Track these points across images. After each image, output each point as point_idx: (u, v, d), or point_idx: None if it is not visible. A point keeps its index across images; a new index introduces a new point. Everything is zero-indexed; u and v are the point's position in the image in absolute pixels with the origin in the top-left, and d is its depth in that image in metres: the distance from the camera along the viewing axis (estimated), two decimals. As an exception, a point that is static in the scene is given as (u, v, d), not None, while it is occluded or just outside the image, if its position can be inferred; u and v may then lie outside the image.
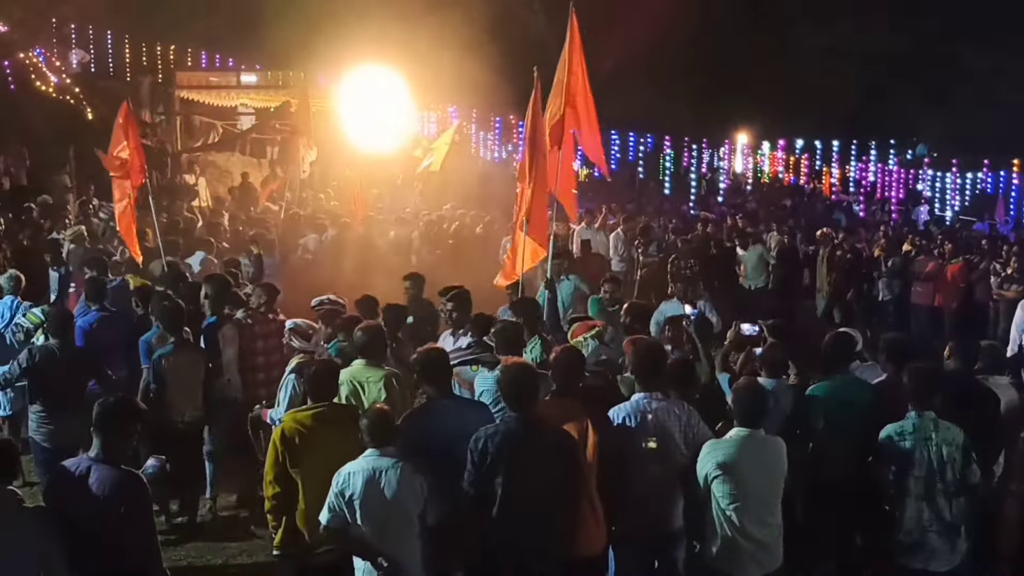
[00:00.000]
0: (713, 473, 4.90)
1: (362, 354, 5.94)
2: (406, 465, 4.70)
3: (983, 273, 12.25)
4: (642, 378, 5.31)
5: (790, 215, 20.10)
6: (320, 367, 5.41)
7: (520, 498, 4.67)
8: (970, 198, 22.83)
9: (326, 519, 4.71)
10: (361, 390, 5.76)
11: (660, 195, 24.30)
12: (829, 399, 5.75)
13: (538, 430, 4.79)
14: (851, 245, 14.13)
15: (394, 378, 5.82)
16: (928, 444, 5.10)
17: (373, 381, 5.77)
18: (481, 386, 5.85)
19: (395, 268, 10.50)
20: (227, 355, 7.40)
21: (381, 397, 5.64)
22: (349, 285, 9.08)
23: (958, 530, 5.21)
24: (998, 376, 6.11)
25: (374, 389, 5.74)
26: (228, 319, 7.62)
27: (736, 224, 17.30)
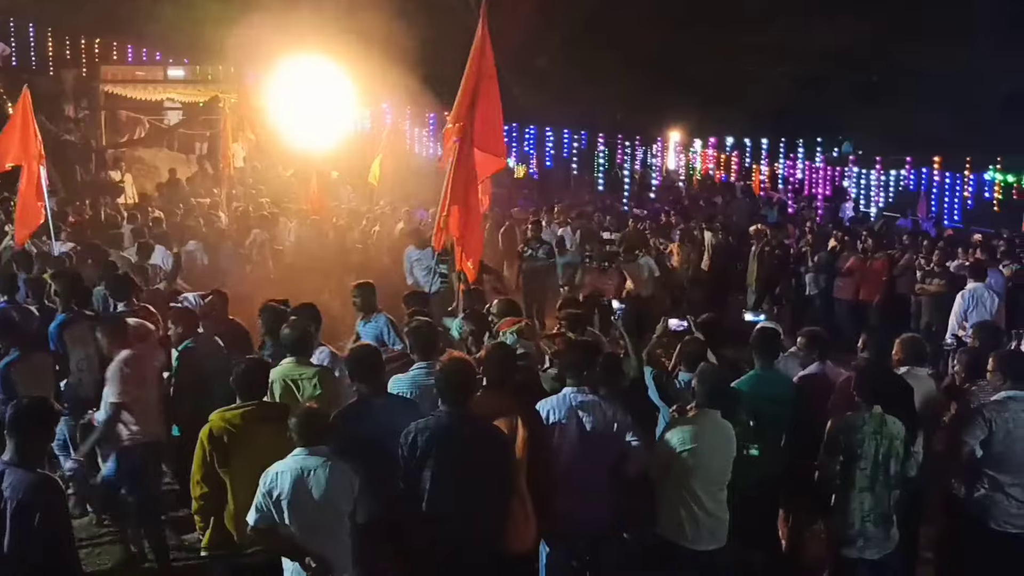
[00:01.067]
0: (680, 448, 5.09)
1: (291, 352, 5.87)
2: (336, 464, 4.65)
3: (905, 268, 12.55)
4: (571, 372, 5.34)
5: (721, 212, 20.41)
6: (249, 365, 5.29)
7: (450, 493, 4.66)
8: (893, 195, 23.43)
9: (254, 519, 4.64)
10: (295, 388, 5.70)
11: (594, 192, 24.48)
12: (751, 393, 5.85)
13: (469, 425, 4.79)
14: (779, 241, 14.40)
15: (326, 375, 5.79)
16: (876, 438, 5.21)
17: (307, 378, 5.73)
18: (393, 390, 5.69)
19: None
20: (76, 355, 7.03)
21: (316, 393, 5.59)
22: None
23: (892, 519, 5.35)
24: (919, 368, 6.27)
25: (308, 386, 5.68)
26: (80, 317, 7.29)
27: (669, 221, 17.54)
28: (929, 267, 11.98)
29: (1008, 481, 5.43)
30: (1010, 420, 5.37)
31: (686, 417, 5.28)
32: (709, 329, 6.64)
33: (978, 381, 5.96)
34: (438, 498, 4.66)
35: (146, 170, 22.41)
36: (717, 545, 5.22)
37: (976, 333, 6.90)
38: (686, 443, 5.11)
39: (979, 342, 6.61)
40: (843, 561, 5.37)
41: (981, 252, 11.43)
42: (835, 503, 5.35)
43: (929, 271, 11.89)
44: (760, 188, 26.94)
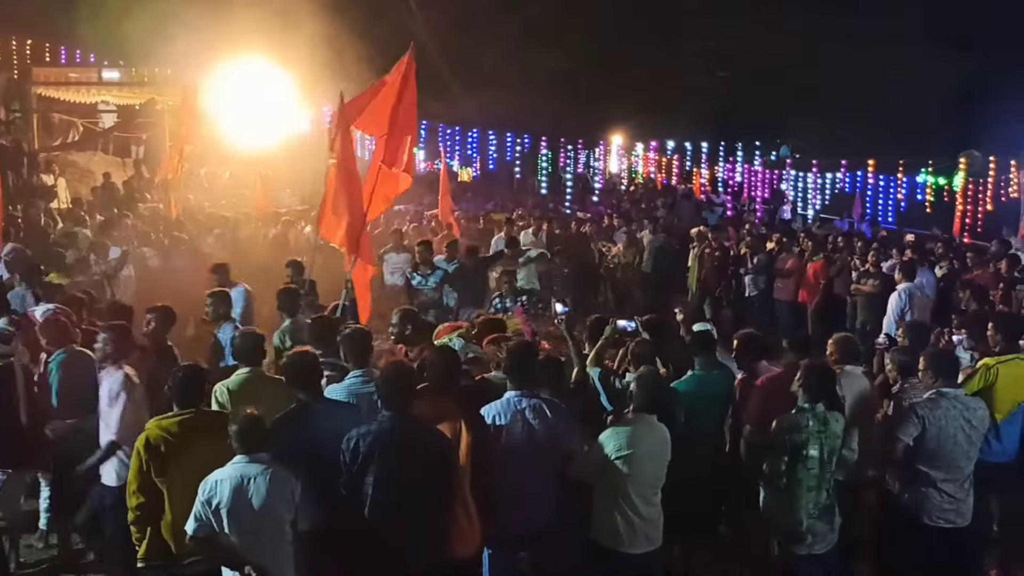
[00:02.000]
0: (616, 454, 5.11)
1: (243, 362, 5.84)
2: (276, 471, 4.60)
3: (841, 269, 12.79)
4: (514, 376, 5.34)
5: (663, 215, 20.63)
6: (186, 372, 5.19)
7: (393, 498, 4.63)
8: (830, 197, 23.91)
9: (192, 528, 4.57)
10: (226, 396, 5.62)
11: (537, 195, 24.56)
12: (690, 393, 5.93)
13: (412, 430, 4.76)
14: (719, 243, 14.59)
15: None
16: (821, 436, 5.30)
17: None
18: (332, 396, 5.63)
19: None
20: None
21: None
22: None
23: (834, 511, 5.46)
24: (852, 366, 6.40)
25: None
26: None
27: (612, 223, 17.69)
28: (864, 268, 12.23)
29: (940, 477, 5.57)
30: (942, 417, 5.51)
31: (622, 422, 5.29)
32: (653, 329, 6.70)
33: (910, 379, 6.10)
34: (381, 504, 4.62)
35: (80, 174, 21.89)
36: (652, 547, 5.27)
37: (907, 332, 7.06)
38: (622, 449, 5.12)
39: (910, 341, 6.77)
40: (793, 558, 5.46)
41: (912, 253, 11.69)
42: (782, 501, 5.42)
43: (864, 272, 12.13)
44: (701, 191, 27.30)
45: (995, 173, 19.66)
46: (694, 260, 14.35)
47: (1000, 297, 9.09)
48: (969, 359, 6.68)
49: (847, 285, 12.42)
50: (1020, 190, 18.32)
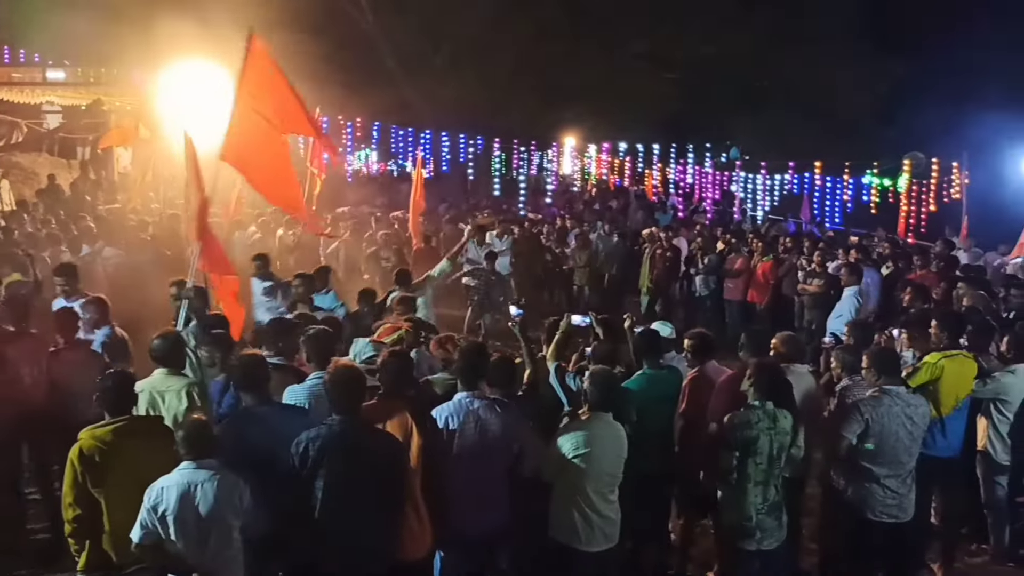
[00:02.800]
0: (573, 453, 5.14)
1: (162, 363, 5.71)
2: (224, 476, 4.55)
3: (790, 269, 13.00)
4: (464, 377, 5.35)
5: (616, 215, 20.77)
6: (114, 379, 5.07)
7: (343, 502, 4.60)
8: (778, 198, 24.26)
9: (139, 536, 4.50)
10: (160, 400, 5.54)
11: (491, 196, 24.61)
12: (641, 392, 5.98)
13: (361, 433, 4.74)
14: (671, 243, 14.75)
15: (195, 387, 5.62)
16: (770, 433, 5.37)
17: (173, 391, 5.56)
18: (290, 399, 5.59)
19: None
20: None
21: (182, 407, 5.44)
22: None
23: (782, 507, 5.53)
24: (798, 364, 6.52)
25: (173, 399, 5.52)
26: None
27: (565, 225, 17.77)
28: (810, 268, 12.44)
29: (884, 473, 5.68)
30: (884, 414, 5.62)
31: (578, 421, 5.34)
32: (608, 329, 6.76)
33: (854, 377, 6.23)
34: (331, 507, 4.59)
35: (24, 176, 21.46)
36: (610, 545, 5.32)
37: (851, 331, 7.20)
38: (579, 448, 5.16)
39: (854, 340, 6.90)
40: (741, 554, 5.52)
41: (856, 253, 11.91)
42: (731, 497, 5.49)
43: (810, 272, 12.34)
44: (653, 192, 27.54)
45: (938, 174, 20.09)
46: (646, 261, 14.48)
47: (941, 296, 9.29)
48: (911, 357, 6.82)
49: (795, 285, 12.62)
50: (962, 191, 18.73)
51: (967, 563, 6.92)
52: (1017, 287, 9.60)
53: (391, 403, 5.17)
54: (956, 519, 6.90)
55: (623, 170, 27.80)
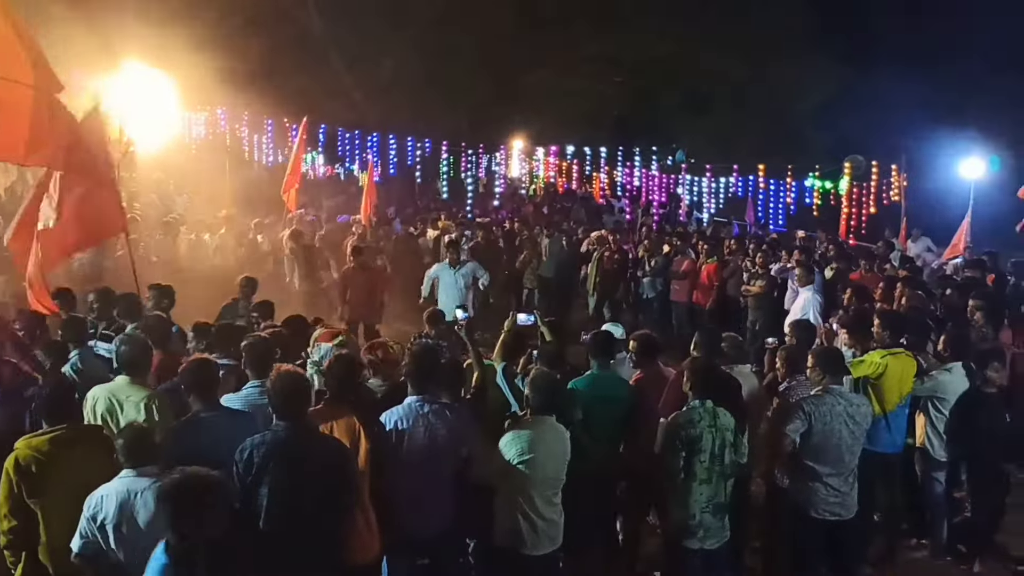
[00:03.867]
0: (517, 458, 5.13)
1: (127, 370, 5.58)
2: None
3: (734, 271, 13.16)
4: (415, 381, 5.32)
5: (564, 218, 20.85)
6: (54, 387, 4.97)
7: (288, 509, 4.54)
8: (723, 201, 24.55)
9: (78, 546, 4.41)
10: (119, 409, 5.42)
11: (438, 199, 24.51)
12: (588, 392, 6.01)
13: (307, 439, 4.68)
14: (618, 246, 14.83)
15: (155, 400, 5.46)
16: (712, 430, 5.43)
17: (132, 401, 5.43)
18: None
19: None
20: None
21: (140, 419, 5.31)
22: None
23: (727, 509, 5.59)
24: (741, 365, 6.60)
25: (131, 410, 5.39)
26: None
27: (514, 228, 17.78)
28: (754, 269, 12.60)
29: (826, 471, 5.77)
30: (827, 413, 5.71)
31: (522, 425, 5.32)
32: (554, 331, 6.77)
33: (797, 377, 6.32)
34: (276, 515, 4.53)
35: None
36: (554, 547, 5.33)
37: (793, 331, 7.30)
38: (523, 453, 5.16)
39: (797, 340, 7.00)
40: (683, 552, 5.57)
41: (800, 254, 12.10)
42: (675, 496, 5.54)
43: (754, 273, 12.51)
44: (600, 195, 27.68)
45: (877, 177, 20.50)
46: (593, 263, 14.54)
47: (881, 296, 9.46)
48: (851, 356, 6.94)
49: (740, 286, 12.77)
50: (901, 193, 19.14)
51: (907, 558, 7.06)
52: (953, 287, 9.84)
53: (338, 407, 5.13)
54: (897, 515, 7.03)
55: (571, 173, 27.89)
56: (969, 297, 8.63)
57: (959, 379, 6.79)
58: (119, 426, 5.21)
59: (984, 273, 11.49)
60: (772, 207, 22.76)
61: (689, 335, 7.15)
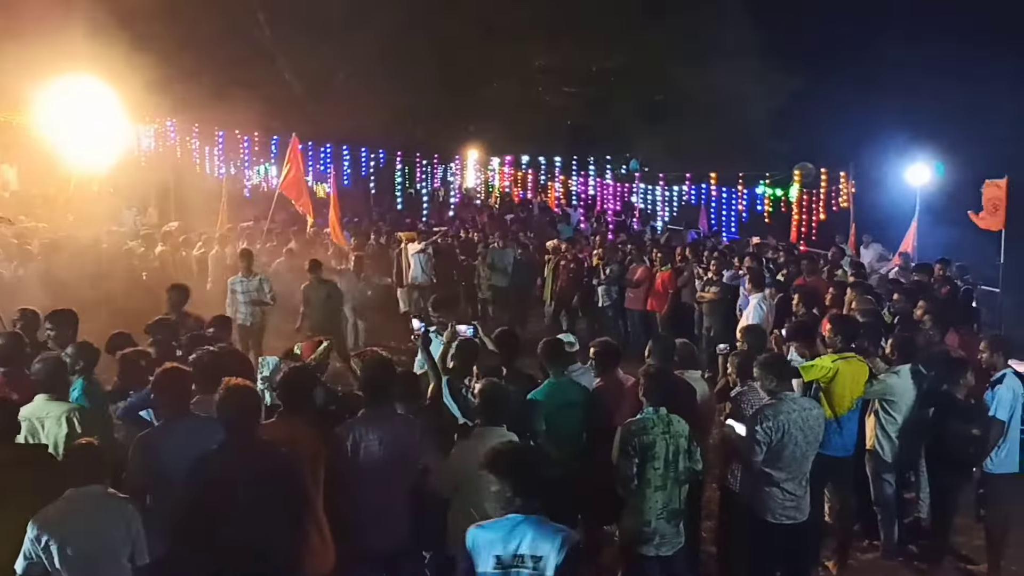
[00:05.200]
0: (473, 472, 4.99)
1: (43, 388, 5.49)
2: (111, 502, 4.42)
3: (688, 278, 13.28)
4: (369, 392, 5.28)
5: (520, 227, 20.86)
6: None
7: (239, 524, 4.47)
8: (677, 209, 24.79)
9: (22, 568, 4.33)
10: (40, 427, 5.31)
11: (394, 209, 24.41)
12: (547, 402, 6.01)
13: (258, 452, 4.63)
14: (574, 255, 14.90)
15: (76, 413, 5.37)
16: (666, 437, 5.45)
17: (52, 416, 5.33)
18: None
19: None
20: None
21: (62, 433, 5.22)
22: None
23: (682, 515, 5.61)
24: (692, 371, 6.65)
25: (53, 425, 5.29)
26: None
27: (470, 238, 17.76)
28: (707, 276, 12.73)
29: (782, 477, 5.81)
30: (784, 420, 5.73)
31: (471, 436, 5.30)
32: (505, 342, 6.76)
33: (748, 382, 6.37)
34: (227, 530, 4.45)
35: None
36: None
37: (745, 337, 7.37)
38: (473, 464, 5.14)
39: (748, 345, 7.06)
40: (639, 559, 5.58)
41: (752, 260, 12.25)
42: (629, 503, 5.56)
43: (707, 280, 12.64)
44: (556, 204, 27.80)
45: (826, 184, 20.85)
46: (549, 272, 14.58)
47: (831, 300, 9.60)
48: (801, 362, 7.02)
49: (694, 293, 12.89)
50: (849, 200, 19.48)
51: (859, 559, 7.15)
52: (901, 292, 10.01)
53: (292, 420, 5.08)
54: (849, 517, 7.13)
55: (526, 182, 27.99)
56: (916, 301, 8.80)
57: (907, 382, 6.91)
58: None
59: (931, 277, 11.72)
60: (724, 214, 23.03)
61: (644, 342, 7.18)
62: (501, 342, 6.68)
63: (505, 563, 3.87)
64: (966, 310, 11.45)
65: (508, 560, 3.87)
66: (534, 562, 3.85)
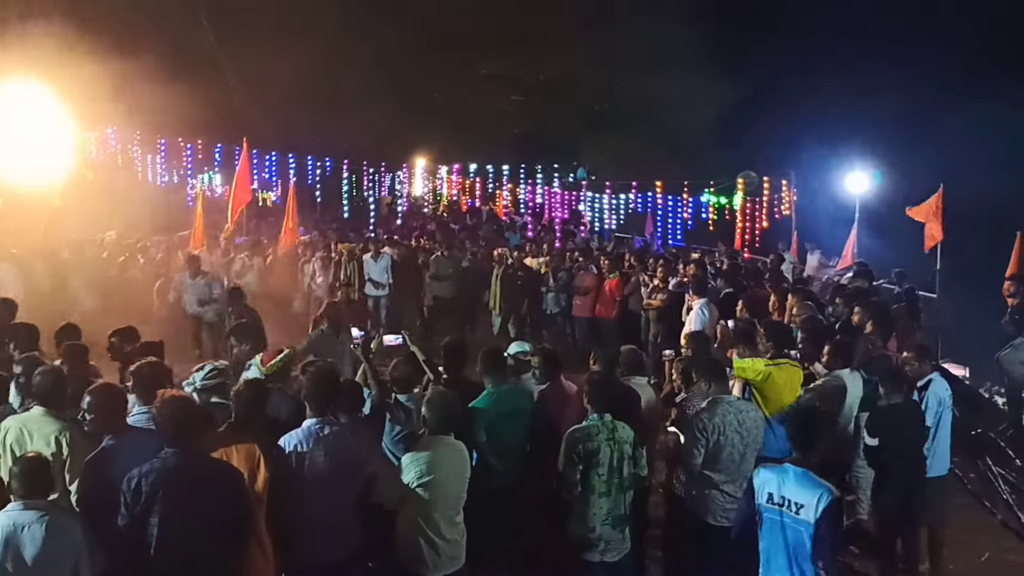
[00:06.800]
0: (417, 481, 5.09)
1: (41, 401, 5.32)
2: (55, 517, 4.31)
3: (635, 285, 13.37)
4: (313, 403, 5.25)
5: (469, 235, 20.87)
6: None
7: (179, 538, 4.41)
8: (624, 217, 25.01)
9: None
10: (28, 440, 5.13)
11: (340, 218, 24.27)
12: (488, 411, 6.03)
13: (198, 465, 4.56)
14: (521, 263, 14.93)
15: (65, 434, 5.14)
16: (610, 443, 5.49)
17: (43, 434, 5.13)
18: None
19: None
20: None
21: (48, 452, 5.02)
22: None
23: (627, 521, 5.66)
24: (638, 377, 6.71)
25: (40, 443, 5.10)
26: None
27: (420, 245, 17.71)
28: (654, 284, 12.84)
29: (722, 479, 5.90)
30: (720, 423, 5.84)
31: (420, 446, 5.28)
32: (452, 351, 6.74)
33: (693, 388, 6.45)
34: (167, 544, 4.39)
35: None
36: (456, 568, 5.30)
37: (689, 343, 7.46)
38: (423, 476, 5.12)
39: (692, 351, 7.15)
40: (584, 565, 5.61)
41: (696, 268, 12.40)
42: (575, 509, 5.59)
43: (654, 287, 12.75)
44: (504, 212, 27.87)
45: (769, 192, 21.22)
46: (496, 280, 14.60)
47: (775, 306, 9.76)
48: (741, 362, 7.10)
49: (641, 301, 12.99)
50: (791, 207, 19.85)
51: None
52: (841, 297, 10.21)
53: (239, 433, 5.03)
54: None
55: (474, 190, 28.03)
56: (855, 306, 8.97)
57: (842, 384, 7.04)
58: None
59: (871, 283, 11.97)
60: (671, 222, 23.29)
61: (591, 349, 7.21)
62: (448, 352, 6.66)
63: (775, 501, 4.73)
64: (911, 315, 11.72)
65: (777, 499, 4.71)
66: (797, 507, 4.61)
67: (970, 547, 7.49)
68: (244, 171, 15.06)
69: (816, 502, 4.53)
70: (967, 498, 8.70)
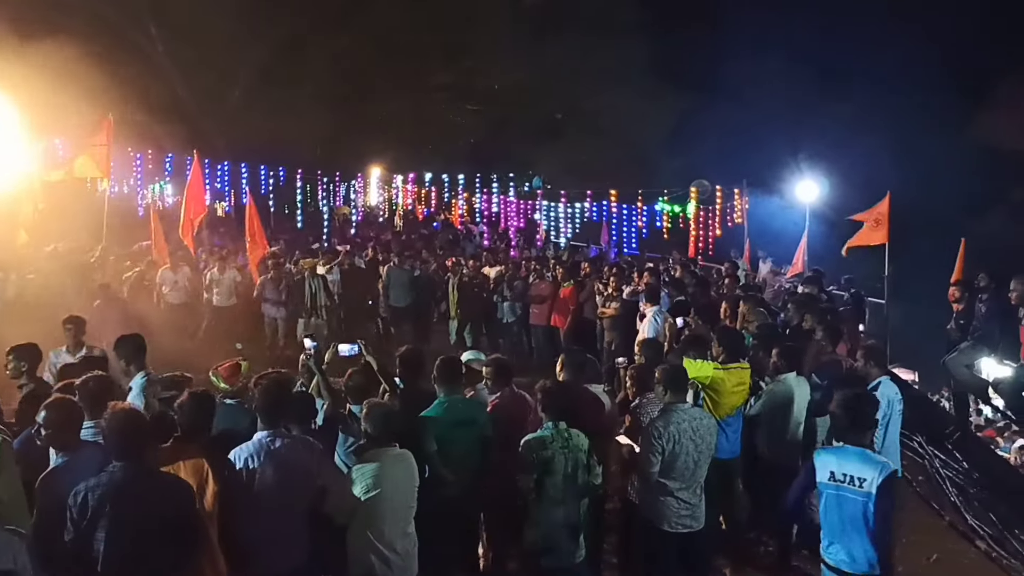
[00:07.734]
0: (365, 495, 5.07)
1: None
2: (-6, 535, 4.19)
3: (590, 293, 13.45)
4: (264, 415, 5.18)
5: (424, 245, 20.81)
6: None
7: (127, 554, 4.32)
8: (579, 225, 25.12)
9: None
10: None
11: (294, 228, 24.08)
12: (440, 420, 6.01)
13: (145, 480, 4.48)
14: (477, 271, 14.93)
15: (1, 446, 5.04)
16: (564, 452, 5.50)
17: None
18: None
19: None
20: None
21: None
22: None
23: (582, 528, 5.67)
24: (595, 385, 6.74)
25: None
26: None
27: (376, 255, 17.61)
28: (608, 292, 12.92)
29: (676, 486, 5.94)
30: (675, 431, 5.88)
31: (365, 459, 5.24)
32: (408, 361, 6.71)
33: (647, 395, 6.50)
34: (114, 560, 4.30)
35: None
36: None
37: (642, 350, 7.50)
38: (370, 490, 5.10)
39: (646, 359, 7.20)
40: (539, 572, 5.61)
41: (650, 276, 12.49)
42: (531, 517, 5.59)
43: (608, 295, 12.83)
44: (459, 222, 27.85)
45: (721, 200, 21.45)
46: (452, 289, 14.58)
47: (727, 313, 9.86)
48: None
49: (596, 308, 13.06)
50: (743, 216, 20.09)
51: (757, 564, 7.32)
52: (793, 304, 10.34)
53: (186, 446, 4.95)
54: (741, 519, 7.32)
55: (429, 199, 27.97)
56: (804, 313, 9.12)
57: (789, 388, 7.18)
58: None
59: (820, 289, 12.16)
60: (625, 231, 23.43)
61: (548, 358, 7.24)
62: (404, 361, 6.63)
63: (836, 479, 5.13)
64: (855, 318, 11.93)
65: (839, 476, 5.11)
66: (859, 482, 5.03)
67: (918, 548, 7.63)
68: (196, 182, 14.87)
69: (878, 474, 4.99)
70: (915, 500, 8.86)
